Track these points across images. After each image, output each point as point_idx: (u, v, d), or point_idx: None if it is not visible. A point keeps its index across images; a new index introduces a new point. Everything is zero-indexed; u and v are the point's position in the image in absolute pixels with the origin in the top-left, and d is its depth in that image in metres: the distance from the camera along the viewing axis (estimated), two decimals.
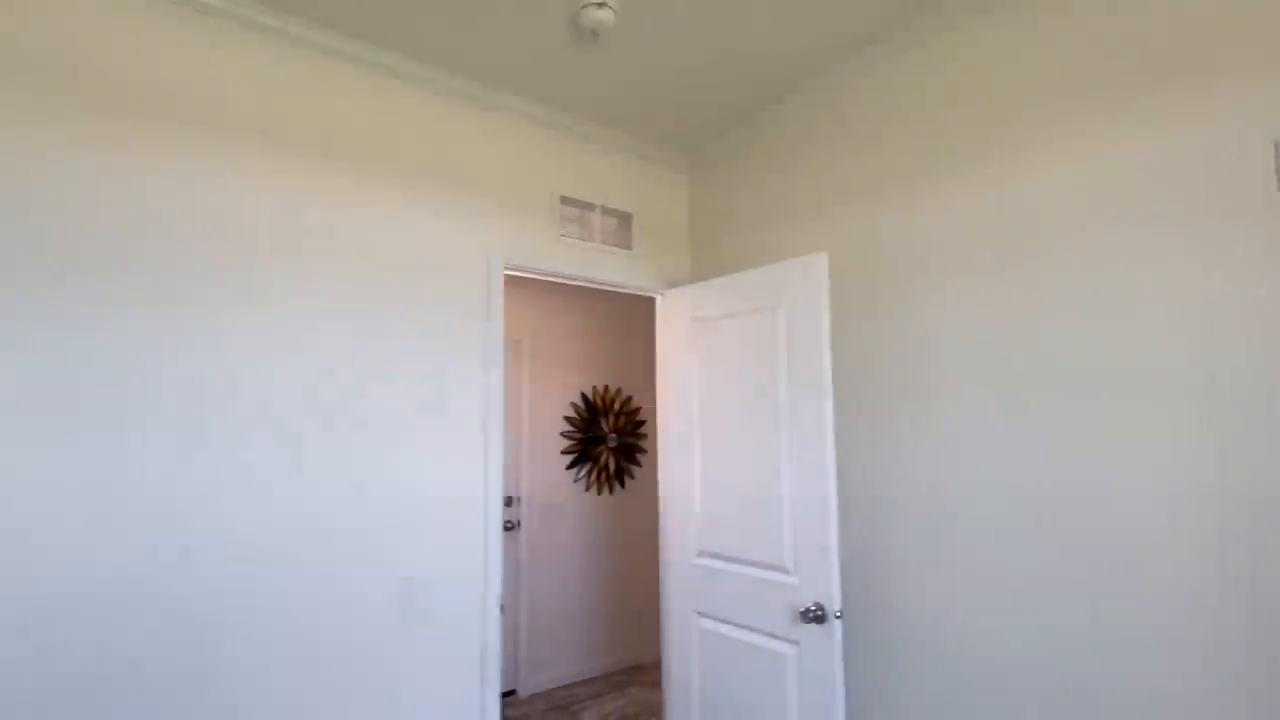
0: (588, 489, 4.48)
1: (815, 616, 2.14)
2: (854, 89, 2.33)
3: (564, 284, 4.39)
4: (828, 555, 2.14)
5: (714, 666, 2.51)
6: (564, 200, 2.60)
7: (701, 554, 2.60)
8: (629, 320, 4.80)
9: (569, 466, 4.39)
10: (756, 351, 2.41)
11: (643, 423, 4.76)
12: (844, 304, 2.33)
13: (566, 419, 4.40)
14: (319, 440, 1.98)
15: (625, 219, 2.78)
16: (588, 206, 2.67)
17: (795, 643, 2.22)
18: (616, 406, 4.65)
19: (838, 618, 2.12)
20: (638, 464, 4.74)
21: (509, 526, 4.10)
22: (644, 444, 4.79)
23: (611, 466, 4.58)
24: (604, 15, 2.01)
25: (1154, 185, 1.60)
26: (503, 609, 2.95)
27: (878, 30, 2.18)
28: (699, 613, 2.59)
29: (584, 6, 2.01)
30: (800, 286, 2.29)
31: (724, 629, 2.48)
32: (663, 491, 2.82)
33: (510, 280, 4.14)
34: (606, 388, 4.62)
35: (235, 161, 1.91)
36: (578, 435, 4.44)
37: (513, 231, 2.45)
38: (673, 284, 2.90)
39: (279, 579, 1.89)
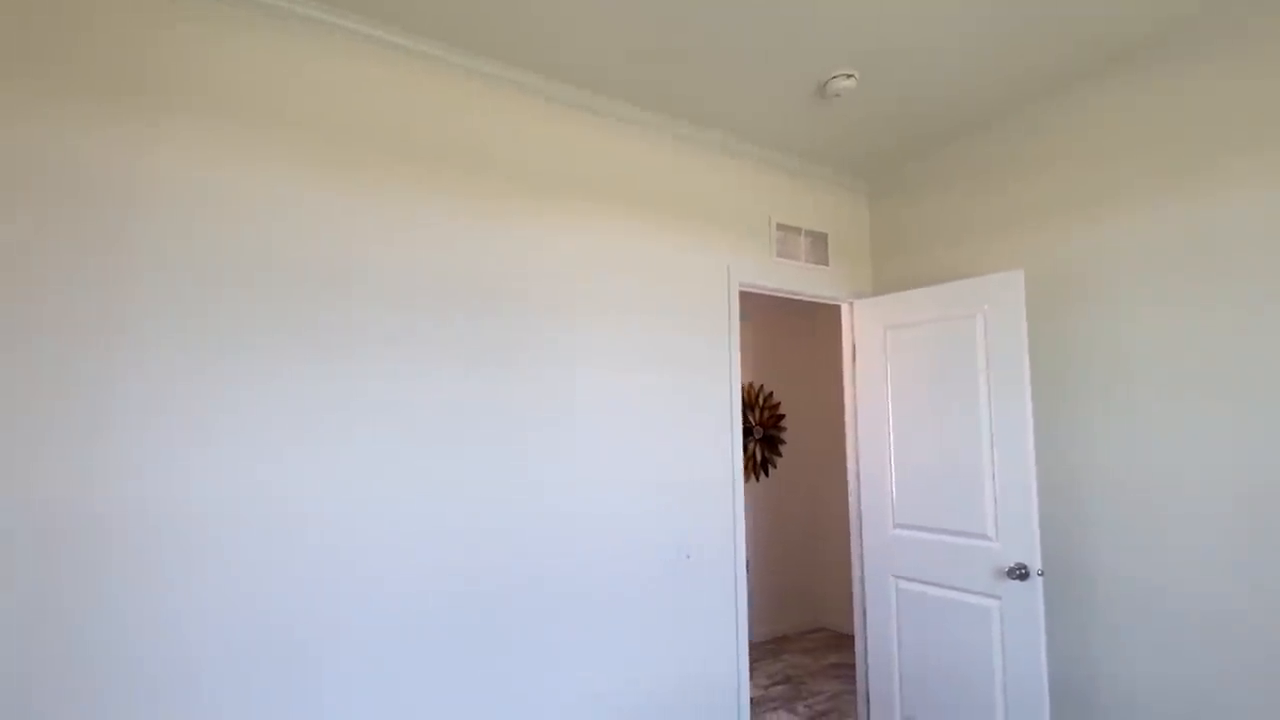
0: None
1: (1019, 574, 2.57)
2: (1046, 124, 2.74)
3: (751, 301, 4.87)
4: (1029, 522, 2.56)
5: (913, 621, 2.95)
6: (779, 226, 3.08)
7: (898, 525, 3.04)
8: (769, 324, 5.26)
9: None
10: (955, 353, 2.84)
11: (783, 416, 5.22)
12: (1033, 310, 2.74)
13: None
14: (641, 437, 2.52)
15: (822, 239, 3.24)
16: (795, 230, 3.15)
17: (997, 598, 2.65)
18: (761, 402, 5.12)
19: (1040, 575, 2.54)
20: (779, 454, 5.20)
21: None
22: (784, 436, 5.25)
23: (758, 456, 5.06)
24: (849, 84, 2.48)
25: None
26: (748, 564, 3.43)
27: (1070, 77, 2.59)
28: (896, 575, 3.04)
29: (833, 77, 2.48)
30: (998, 298, 2.71)
31: (923, 589, 2.93)
32: (854, 475, 3.27)
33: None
34: (752, 384, 5.09)
35: (581, 217, 2.46)
36: None
37: (743, 254, 2.95)
38: (858, 295, 3.35)
39: (609, 536, 2.44)
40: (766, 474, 5.13)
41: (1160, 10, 2.22)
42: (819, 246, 3.23)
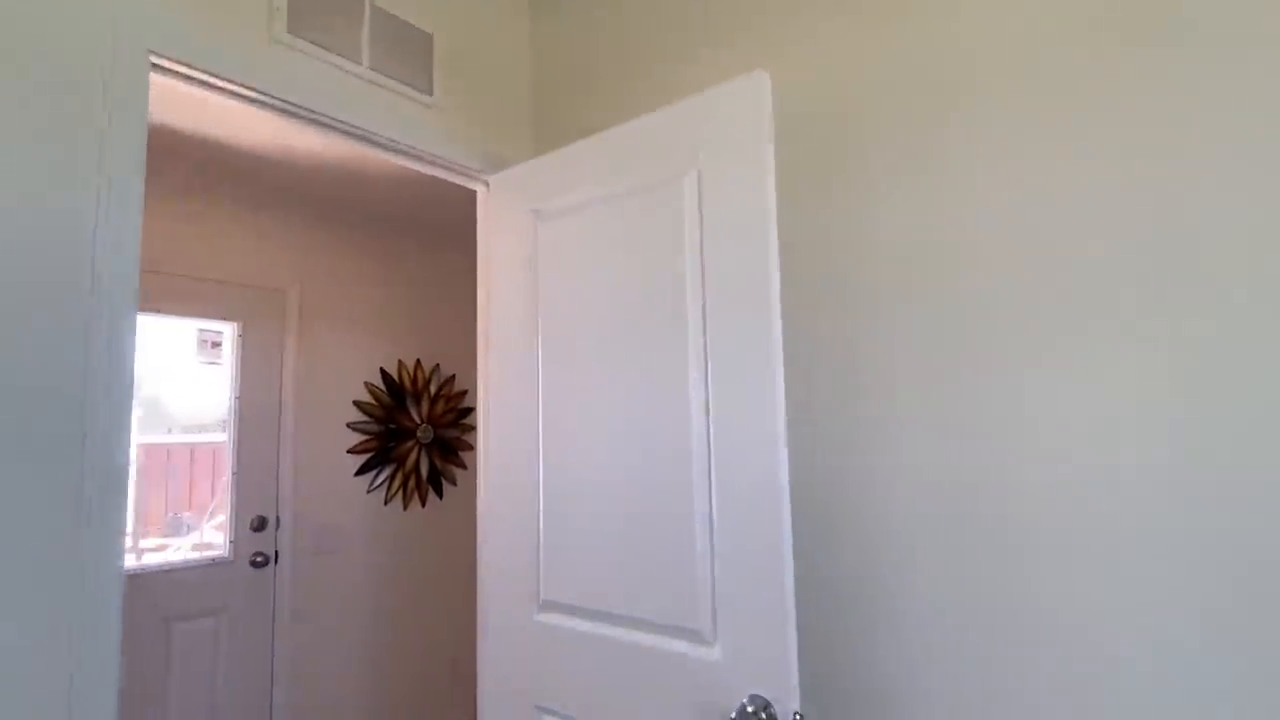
0: (388, 501, 3.24)
1: None
2: None
3: (355, 210, 3.15)
4: (780, 603, 1.16)
5: None
6: None
7: (546, 606, 1.52)
8: (455, 269, 3.62)
9: (359, 471, 3.13)
10: (645, 257, 1.39)
11: (469, 410, 3.60)
12: (790, 179, 1.39)
13: (358, 404, 3.14)
14: None
15: (422, 41, 1.65)
16: (347, 4, 1.52)
17: None
18: (433, 388, 3.44)
19: None
20: (460, 465, 3.56)
21: (260, 563, 2.77)
22: (471, 438, 3.62)
23: (423, 469, 3.37)
24: None
25: None
26: None
27: None
28: (540, 709, 1.51)
29: None
30: (724, 135, 1.30)
31: None
32: (484, 504, 1.72)
33: (237, 167, 2.85)
34: (419, 363, 3.40)
35: None
36: (374, 428, 3.19)
37: (181, 11, 1.25)
38: (505, 163, 1.81)
39: None
40: (439, 495, 3.46)
41: None
42: (414, 54, 1.64)
